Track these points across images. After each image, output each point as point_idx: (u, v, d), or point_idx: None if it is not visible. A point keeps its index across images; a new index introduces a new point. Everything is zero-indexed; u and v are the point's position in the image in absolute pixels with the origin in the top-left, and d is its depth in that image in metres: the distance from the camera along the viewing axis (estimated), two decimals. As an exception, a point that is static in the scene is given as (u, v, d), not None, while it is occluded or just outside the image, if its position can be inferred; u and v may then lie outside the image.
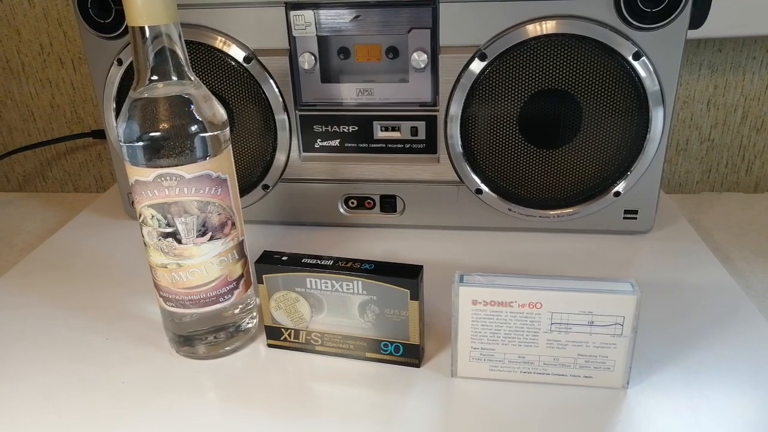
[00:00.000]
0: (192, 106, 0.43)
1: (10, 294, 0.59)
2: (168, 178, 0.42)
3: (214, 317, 0.48)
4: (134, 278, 0.60)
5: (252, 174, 0.65)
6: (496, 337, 0.44)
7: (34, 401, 0.45)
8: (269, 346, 0.50)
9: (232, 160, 0.46)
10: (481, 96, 0.59)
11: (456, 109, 0.59)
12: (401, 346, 0.47)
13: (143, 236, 0.45)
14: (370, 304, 0.46)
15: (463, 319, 0.44)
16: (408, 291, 0.44)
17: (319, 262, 0.46)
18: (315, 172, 0.65)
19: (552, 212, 0.63)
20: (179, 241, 0.44)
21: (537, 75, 0.57)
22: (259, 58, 0.60)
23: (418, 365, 0.47)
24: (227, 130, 0.45)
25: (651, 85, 0.57)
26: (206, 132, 0.43)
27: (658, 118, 0.58)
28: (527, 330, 0.44)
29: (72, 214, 0.75)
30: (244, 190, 0.66)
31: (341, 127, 0.63)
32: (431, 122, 0.61)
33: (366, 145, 0.63)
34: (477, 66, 0.57)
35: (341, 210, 0.67)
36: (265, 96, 0.61)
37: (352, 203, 0.66)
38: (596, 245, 0.63)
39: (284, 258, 0.47)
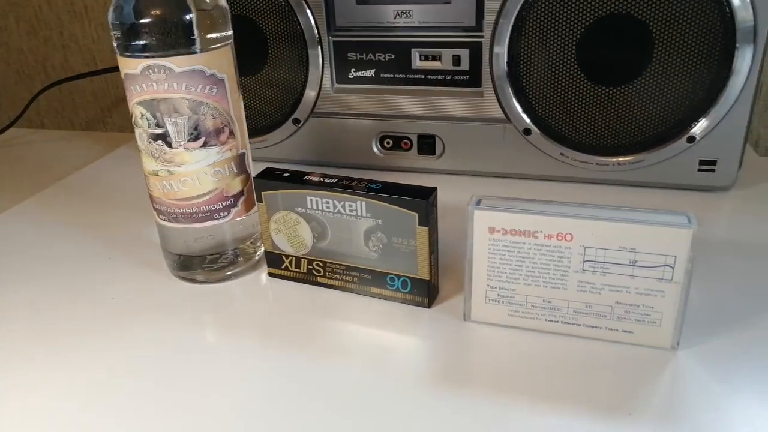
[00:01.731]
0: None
1: (33, 212, 0.58)
2: (156, 70, 0.38)
3: (216, 238, 0.44)
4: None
5: (283, 106, 0.61)
6: (517, 275, 0.38)
7: (25, 308, 0.44)
8: (270, 275, 0.46)
9: (233, 61, 0.41)
10: (532, 20, 0.51)
11: (503, 35, 0.52)
12: (409, 282, 0.41)
13: (137, 141, 0.42)
14: (377, 231, 0.40)
15: (478, 250, 0.38)
16: (416, 215, 0.39)
17: (321, 179, 0.41)
18: (348, 106, 0.60)
19: (612, 159, 0.55)
20: (169, 145, 0.40)
21: (600, -6, 0.49)
22: (291, -25, 0.56)
23: (427, 305, 0.41)
24: (226, 27, 0.41)
25: (744, 15, 0.47)
26: (194, 20, 0.38)
27: (745, 55, 0.48)
28: (554, 268, 0.37)
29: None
30: (274, 125, 0.62)
31: (377, 54, 0.57)
32: (475, 50, 0.54)
33: (403, 76, 0.57)
34: (529, -18, 0.50)
35: (375, 150, 0.61)
36: (298, 20, 0.57)
37: (388, 143, 0.61)
38: (664, 202, 0.54)
39: (285, 174, 0.42)
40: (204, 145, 0.41)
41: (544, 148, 0.56)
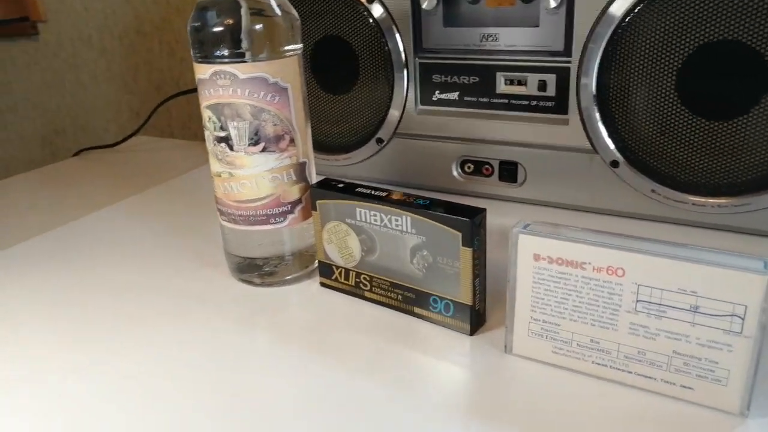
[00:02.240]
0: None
1: (132, 209, 0.63)
2: (222, 76, 0.40)
3: (274, 245, 0.45)
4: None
5: (368, 125, 0.62)
6: (563, 309, 0.35)
7: (101, 291, 0.47)
8: (321, 285, 0.46)
9: (299, 71, 0.42)
10: (625, 45, 0.48)
11: (593, 61, 0.49)
12: (451, 305, 0.39)
13: (206, 143, 0.44)
14: (422, 249, 0.39)
15: (522, 277, 0.35)
16: (460, 234, 0.37)
17: (372, 192, 0.41)
18: (431, 128, 0.59)
19: (710, 200, 0.49)
20: (231, 148, 0.42)
21: (705, 20, 0.45)
22: (382, -2, 0.56)
23: (469, 332, 0.39)
24: (293, 38, 0.42)
25: None
26: (259, 29, 0.40)
27: None
28: (603, 305, 0.33)
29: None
30: (359, 143, 0.63)
31: (461, 77, 0.56)
32: (562, 75, 0.52)
33: (487, 100, 0.56)
34: (621, 5, 0.47)
35: (455, 174, 0.60)
36: (386, 41, 0.57)
37: (469, 168, 0.59)
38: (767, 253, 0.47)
39: (340, 185, 0.42)
40: (263, 150, 0.42)
41: (633, 183, 0.51)
